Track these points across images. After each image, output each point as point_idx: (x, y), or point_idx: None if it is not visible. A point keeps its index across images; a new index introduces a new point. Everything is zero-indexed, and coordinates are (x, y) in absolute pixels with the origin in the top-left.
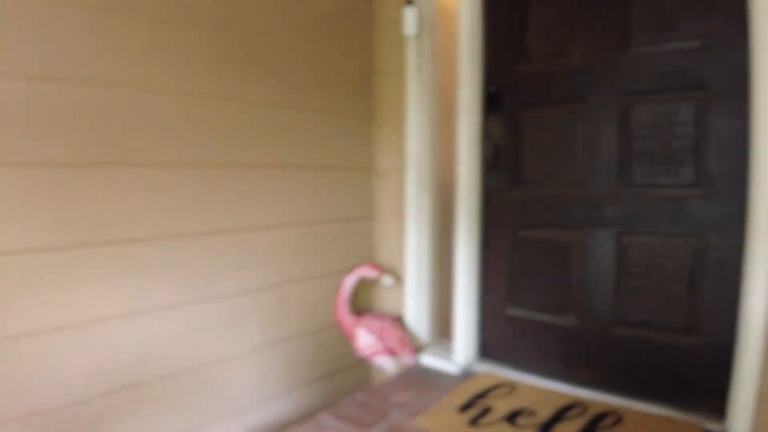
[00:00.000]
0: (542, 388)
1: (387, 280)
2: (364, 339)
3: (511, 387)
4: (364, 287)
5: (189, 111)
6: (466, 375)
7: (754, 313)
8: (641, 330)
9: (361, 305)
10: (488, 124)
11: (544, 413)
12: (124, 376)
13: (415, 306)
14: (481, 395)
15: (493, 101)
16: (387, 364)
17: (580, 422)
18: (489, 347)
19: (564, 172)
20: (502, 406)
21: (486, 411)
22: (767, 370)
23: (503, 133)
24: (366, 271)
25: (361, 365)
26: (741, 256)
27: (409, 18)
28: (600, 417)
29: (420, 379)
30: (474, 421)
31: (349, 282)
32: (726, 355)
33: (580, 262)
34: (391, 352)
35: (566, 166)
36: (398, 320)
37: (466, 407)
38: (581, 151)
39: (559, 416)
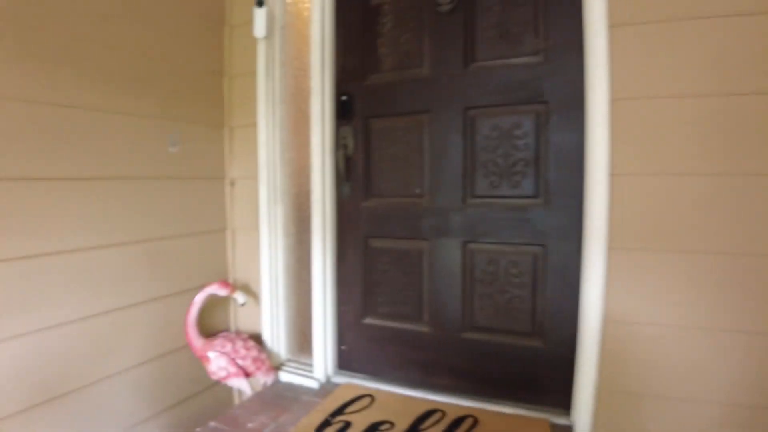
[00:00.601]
0: (401, 397)
1: (239, 298)
2: (216, 362)
3: (370, 398)
4: (220, 306)
5: None
6: (327, 389)
7: (590, 314)
8: (490, 334)
9: (218, 325)
10: (340, 133)
11: (403, 424)
12: None
13: (271, 322)
14: (339, 411)
15: (345, 110)
16: (243, 387)
17: (439, 428)
18: (348, 358)
19: (412, 182)
20: (361, 420)
21: (345, 427)
22: (603, 365)
23: (355, 143)
24: (215, 289)
25: (220, 387)
26: (578, 261)
27: (259, 19)
28: (458, 421)
29: (279, 399)
30: None
31: (197, 302)
32: (569, 353)
33: (430, 271)
34: (247, 373)
35: (414, 176)
36: (253, 338)
37: (324, 426)
38: (428, 162)
39: (418, 425)
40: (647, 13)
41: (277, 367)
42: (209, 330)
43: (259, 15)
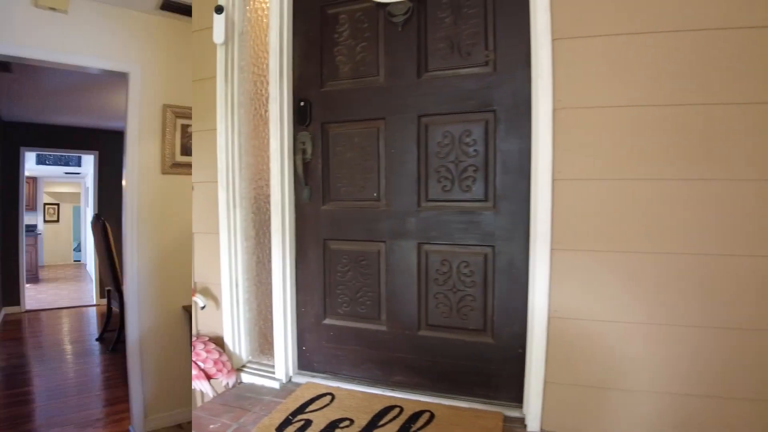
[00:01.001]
0: (361, 395)
1: (199, 301)
2: None
3: (331, 397)
4: None
5: None
6: (288, 389)
7: (537, 310)
8: (444, 332)
9: None
10: (299, 137)
11: (362, 420)
12: None
13: (232, 324)
14: (300, 410)
15: (303, 115)
16: (205, 389)
17: (397, 424)
18: (309, 359)
19: (370, 186)
20: (320, 418)
21: (305, 426)
22: (550, 360)
23: (313, 148)
24: None
25: None
26: (525, 261)
27: (217, 25)
28: (415, 416)
29: (241, 400)
30: None
31: None
32: (519, 349)
33: (387, 271)
34: (208, 375)
35: (371, 180)
36: (214, 341)
37: (285, 425)
38: (385, 167)
39: (376, 421)
40: (588, 27)
41: (238, 369)
42: None
43: (218, 21)
